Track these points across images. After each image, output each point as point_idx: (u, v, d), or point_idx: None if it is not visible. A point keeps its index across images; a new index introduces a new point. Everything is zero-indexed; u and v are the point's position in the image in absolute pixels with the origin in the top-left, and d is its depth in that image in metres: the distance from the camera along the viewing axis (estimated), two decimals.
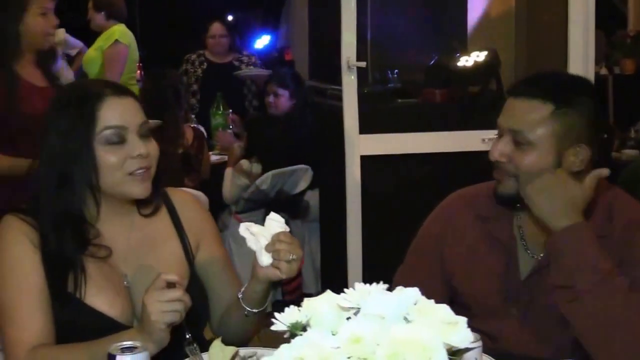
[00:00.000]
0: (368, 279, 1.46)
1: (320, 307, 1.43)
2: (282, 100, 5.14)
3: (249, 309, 1.96)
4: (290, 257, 1.84)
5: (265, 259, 1.87)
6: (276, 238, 1.85)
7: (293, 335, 1.39)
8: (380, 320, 1.31)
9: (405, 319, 1.33)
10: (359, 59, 3.93)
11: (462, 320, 1.31)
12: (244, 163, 4.81)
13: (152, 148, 1.95)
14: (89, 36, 5.61)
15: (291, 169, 4.73)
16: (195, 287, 2.02)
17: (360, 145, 3.97)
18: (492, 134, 2.06)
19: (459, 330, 1.29)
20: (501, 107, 2.03)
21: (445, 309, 1.32)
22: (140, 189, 1.94)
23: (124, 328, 1.88)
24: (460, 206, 2.17)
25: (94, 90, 1.93)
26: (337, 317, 1.41)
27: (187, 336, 1.79)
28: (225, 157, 5.10)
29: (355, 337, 1.27)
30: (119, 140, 1.90)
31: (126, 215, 2.00)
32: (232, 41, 6.26)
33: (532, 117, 1.95)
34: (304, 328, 1.42)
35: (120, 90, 1.95)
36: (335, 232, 4.27)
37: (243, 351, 1.79)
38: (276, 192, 4.71)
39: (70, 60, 5.68)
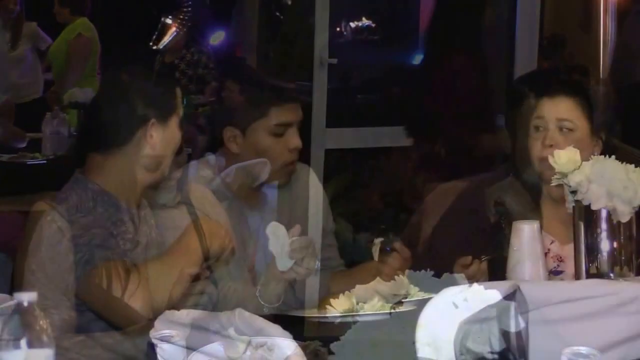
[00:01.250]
0: None
1: (370, 294, 1.51)
2: (234, 94, 5.16)
3: (267, 305, 2.03)
4: (317, 265, 2.00)
5: (283, 263, 1.99)
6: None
7: (346, 322, 1.47)
8: (435, 307, 1.38)
9: (454, 304, 1.42)
10: None
11: (513, 305, 1.39)
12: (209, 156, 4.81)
13: None
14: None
15: (252, 162, 4.74)
16: (211, 279, 2.07)
17: (327, 138, 4.06)
18: None
19: (511, 316, 1.38)
20: None
21: (495, 294, 1.41)
22: None
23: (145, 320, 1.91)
24: (452, 198, 2.29)
25: (141, 110, 2.02)
26: (386, 303, 1.50)
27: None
28: (190, 150, 5.10)
29: (420, 323, 1.34)
30: None
31: (151, 206, 2.05)
32: (188, 37, 6.15)
33: (556, 112, 2.12)
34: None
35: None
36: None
37: (254, 340, 1.86)
38: (238, 185, 4.72)
39: (41, 54, 5.70)
